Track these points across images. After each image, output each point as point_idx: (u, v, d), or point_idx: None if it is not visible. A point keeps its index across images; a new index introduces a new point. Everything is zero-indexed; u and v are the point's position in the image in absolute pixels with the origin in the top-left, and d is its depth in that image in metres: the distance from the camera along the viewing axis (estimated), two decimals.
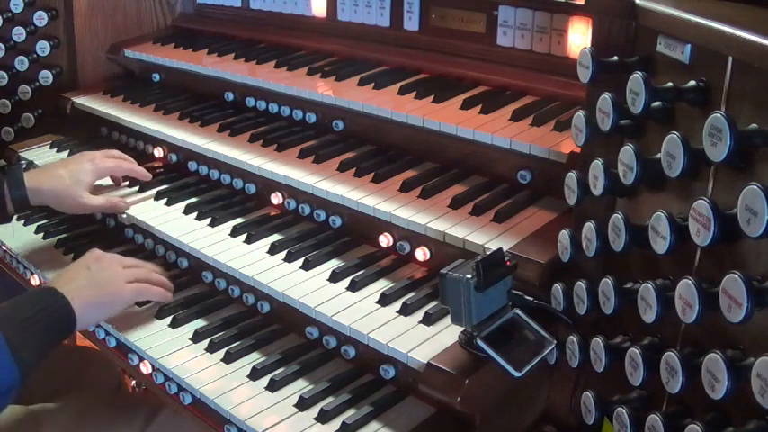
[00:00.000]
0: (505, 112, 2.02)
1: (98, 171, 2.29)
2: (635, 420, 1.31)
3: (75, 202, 2.23)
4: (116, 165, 2.34)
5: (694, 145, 1.17)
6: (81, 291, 1.78)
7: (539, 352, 1.54)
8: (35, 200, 2.19)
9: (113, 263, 1.92)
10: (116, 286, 1.87)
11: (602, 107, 1.37)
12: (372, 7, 2.51)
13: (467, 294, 1.50)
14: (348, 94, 2.25)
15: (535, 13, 2.12)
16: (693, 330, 1.25)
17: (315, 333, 1.86)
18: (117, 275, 1.89)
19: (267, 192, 2.22)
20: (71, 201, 2.22)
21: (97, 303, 1.82)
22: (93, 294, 1.80)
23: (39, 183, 2.18)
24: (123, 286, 1.88)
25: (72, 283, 1.80)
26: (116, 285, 1.87)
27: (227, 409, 1.69)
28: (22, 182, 2.15)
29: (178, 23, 3.11)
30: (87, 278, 1.83)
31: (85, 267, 1.86)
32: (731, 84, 1.17)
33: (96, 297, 1.81)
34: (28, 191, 2.15)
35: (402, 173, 2.07)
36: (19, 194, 2.14)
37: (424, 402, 1.70)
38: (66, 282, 1.80)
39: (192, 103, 2.67)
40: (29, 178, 2.17)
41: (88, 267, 1.86)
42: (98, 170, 2.29)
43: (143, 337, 1.95)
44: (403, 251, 1.92)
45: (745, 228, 1.05)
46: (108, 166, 2.32)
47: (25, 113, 2.89)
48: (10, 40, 2.83)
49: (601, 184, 1.39)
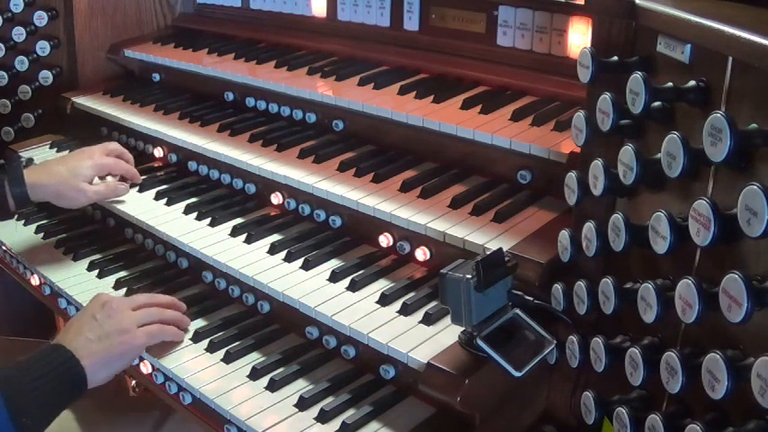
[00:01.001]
0: (505, 112, 2.02)
1: (97, 167, 2.30)
2: (635, 420, 1.31)
3: (75, 193, 2.23)
4: (114, 162, 2.35)
5: (694, 145, 1.17)
6: (90, 346, 1.67)
7: (539, 352, 1.54)
8: (35, 196, 2.19)
9: (121, 307, 1.80)
10: (127, 336, 1.74)
11: (602, 107, 1.37)
12: (372, 7, 2.51)
13: (467, 294, 1.50)
14: (348, 94, 2.25)
15: (535, 13, 2.12)
16: (693, 330, 1.25)
17: (315, 333, 1.86)
18: (128, 322, 1.77)
19: (267, 192, 2.22)
20: (72, 192, 2.22)
21: (108, 358, 1.70)
22: (104, 348, 1.69)
23: (38, 179, 2.18)
24: (135, 334, 1.76)
25: (80, 338, 1.69)
26: (127, 335, 1.74)
27: (227, 409, 1.69)
28: (23, 178, 2.16)
29: (178, 23, 3.11)
30: (95, 331, 1.71)
31: (91, 317, 1.75)
32: (731, 84, 1.17)
33: (107, 351, 1.69)
34: (28, 187, 2.16)
35: (402, 173, 2.07)
36: (19, 191, 2.15)
37: (424, 402, 1.70)
38: (73, 337, 1.69)
39: (191, 103, 2.67)
40: (28, 175, 2.18)
41: (94, 317, 1.74)
42: (97, 166, 2.29)
43: None
44: (403, 251, 1.92)
45: (745, 228, 1.05)
46: (106, 164, 2.33)
47: (25, 113, 2.90)
48: (10, 40, 2.84)
49: (601, 184, 1.39)
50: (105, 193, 2.30)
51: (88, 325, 1.73)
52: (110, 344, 1.70)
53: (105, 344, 1.70)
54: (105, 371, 1.70)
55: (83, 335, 1.69)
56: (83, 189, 2.23)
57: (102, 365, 1.68)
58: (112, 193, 2.32)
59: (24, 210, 2.36)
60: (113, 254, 2.32)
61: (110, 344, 1.70)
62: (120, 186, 2.32)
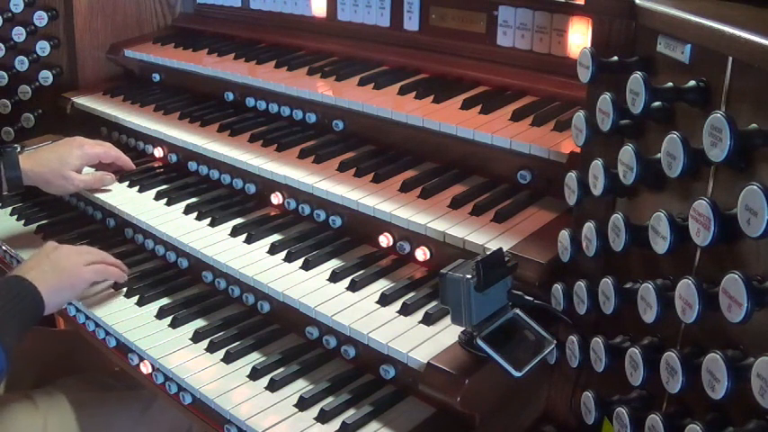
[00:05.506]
0: (505, 112, 2.02)
1: (86, 156, 2.37)
2: (635, 420, 1.31)
3: (62, 181, 2.32)
4: (104, 151, 2.42)
5: (694, 145, 1.17)
6: (45, 276, 1.90)
7: (539, 352, 1.54)
8: (27, 181, 2.28)
9: (71, 250, 2.05)
10: (76, 269, 1.99)
11: (602, 107, 1.37)
12: (372, 7, 2.51)
13: (467, 294, 1.50)
14: (348, 94, 2.25)
15: (535, 13, 2.12)
16: (693, 330, 1.25)
17: (315, 333, 1.86)
18: (75, 260, 2.01)
19: (267, 192, 2.22)
20: (59, 180, 2.32)
21: (60, 287, 1.94)
22: (56, 279, 1.93)
23: (30, 165, 2.28)
24: (82, 269, 2.00)
25: (35, 270, 1.91)
26: (76, 269, 1.99)
27: (227, 409, 1.70)
28: (18, 163, 2.25)
29: (178, 23, 3.11)
30: (49, 265, 1.94)
31: (45, 256, 1.98)
32: (731, 84, 1.17)
33: (59, 281, 1.93)
34: (21, 172, 2.25)
35: (402, 173, 2.07)
36: (14, 175, 2.25)
37: (424, 402, 1.70)
38: (29, 269, 1.91)
39: (192, 103, 2.67)
40: (22, 160, 2.26)
41: (48, 255, 1.98)
42: (86, 155, 2.37)
43: (143, 337, 1.95)
44: (403, 251, 1.92)
45: (745, 228, 1.05)
46: (96, 152, 2.40)
47: (25, 113, 2.89)
48: (10, 40, 2.83)
49: (601, 184, 1.39)
50: (91, 182, 2.39)
51: (43, 261, 1.96)
52: (61, 276, 1.95)
53: (57, 275, 1.94)
54: (58, 298, 1.94)
55: (38, 268, 1.92)
56: (70, 177, 2.33)
57: (55, 292, 1.91)
58: (99, 183, 2.40)
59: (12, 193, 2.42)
60: (113, 254, 2.30)
61: (61, 276, 1.95)
62: (106, 177, 2.42)
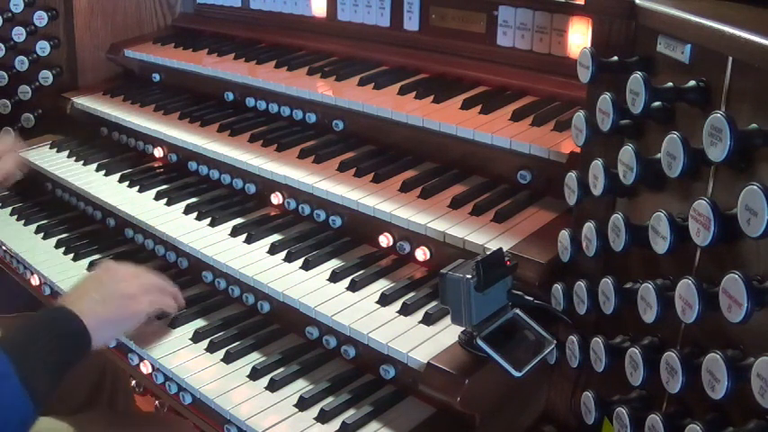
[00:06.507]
0: (505, 112, 2.02)
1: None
2: (635, 420, 1.31)
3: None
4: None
5: (694, 145, 1.17)
6: (94, 307, 1.65)
7: (539, 352, 1.54)
8: None
9: (127, 273, 1.81)
10: (132, 301, 1.75)
11: (602, 107, 1.37)
12: (372, 7, 2.51)
13: (467, 294, 1.50)
14: (348, 94, 2.25)
15: (535, 13, 2.12)
16: (693, 330, 1.25)
17: (315, 333, 1.86)
18: (133, 288, 1.77)
19: (267, 192, 2.22)
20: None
21: (112, 319, 1.70)
22: (108, 310, 1.68)
23: None
24: (139, 299, 1.77)
25: (83, 299, 1.67)
26: (132, 300, 1.75)
27: (228, 409, 1.70)
28: None
29: (178, 23, 3.11)
30: (100, 293, 1.70)
31: (97, 281, 1.75)
32: (731, 84, 1.17)
33: (111, 312, 1.69)
34: None
35: (402, 173, 2.07)
36: None
37: (424, 402, 1.70)
38: (76, 299, 1.67)
39: (192, 103, 2.67)
40: None
41: (100, 281, 1.75)
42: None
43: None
44: (403, 251, 1.92)
45: (745, 228, 1.05)
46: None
47: (25, 113, 2.90)
48: (10, 40, 2.84)
49: (601, 184, 1.39)
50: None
51: (94, 287, 1.72)
52: (114, 306, 1.70)
53: (109, 306, 1.69)
54: (108, 332, 1.71)
55: (88, 296, 1.68)
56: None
57: (106, 325, 1.67)
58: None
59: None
60: (113, 254, 2.31)
61: (114, 306, 1.70)
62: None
